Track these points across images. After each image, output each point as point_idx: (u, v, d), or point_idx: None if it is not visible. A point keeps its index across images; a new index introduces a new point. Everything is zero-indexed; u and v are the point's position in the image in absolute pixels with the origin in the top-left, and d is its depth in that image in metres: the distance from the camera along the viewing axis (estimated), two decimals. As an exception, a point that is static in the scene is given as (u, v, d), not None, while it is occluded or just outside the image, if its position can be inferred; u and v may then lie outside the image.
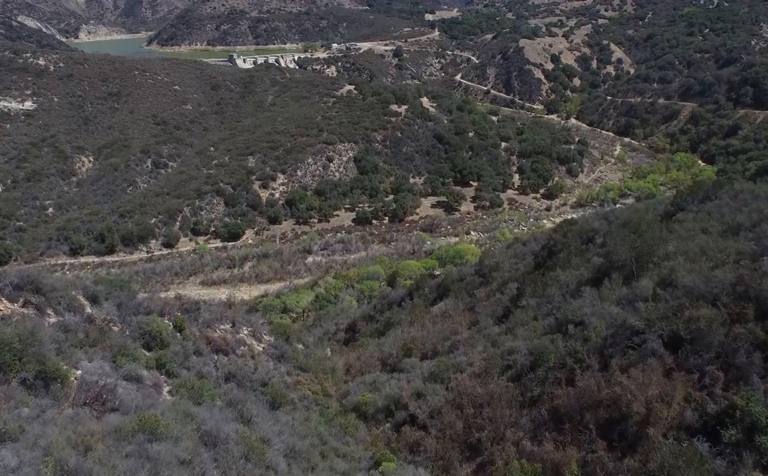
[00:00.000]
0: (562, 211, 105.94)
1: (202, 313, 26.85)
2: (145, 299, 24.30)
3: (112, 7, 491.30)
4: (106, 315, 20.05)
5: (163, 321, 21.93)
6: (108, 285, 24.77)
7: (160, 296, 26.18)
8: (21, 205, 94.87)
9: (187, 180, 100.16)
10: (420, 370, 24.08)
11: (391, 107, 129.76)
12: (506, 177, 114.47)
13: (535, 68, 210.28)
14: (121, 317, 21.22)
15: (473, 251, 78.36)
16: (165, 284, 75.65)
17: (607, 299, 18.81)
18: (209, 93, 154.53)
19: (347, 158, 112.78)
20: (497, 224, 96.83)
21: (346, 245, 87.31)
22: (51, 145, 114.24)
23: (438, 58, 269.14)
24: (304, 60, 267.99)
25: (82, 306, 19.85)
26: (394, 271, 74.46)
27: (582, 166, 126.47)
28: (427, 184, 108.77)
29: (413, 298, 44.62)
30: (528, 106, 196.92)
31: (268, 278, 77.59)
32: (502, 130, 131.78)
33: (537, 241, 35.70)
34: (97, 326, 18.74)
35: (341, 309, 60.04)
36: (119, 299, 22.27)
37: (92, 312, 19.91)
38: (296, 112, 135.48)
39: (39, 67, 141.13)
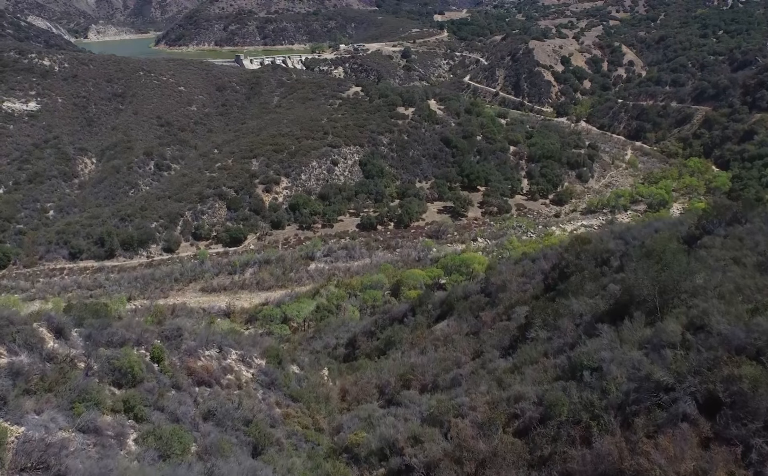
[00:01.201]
0: (572, 217, 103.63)
1: (185, 339, 24.92)
2: (120, 326, 22.40)
3: (122, 7, 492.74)
4: (69, 351, 18.17)
5: (135, 355, 19.99)
6: (81, 311, 22.91)
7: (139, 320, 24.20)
8: (22, 207, 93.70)
9: (190, 183, 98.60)
10: (418, 407, 22.03)
11: (398, 110, 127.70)
12: (515, 182, 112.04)
13: (544, 70, 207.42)
14: (89, 351, 19.34)
15: (480, 259, 76.16)
16: (164, 290, 74.13)
17: (628, 341, 16.65)
18: (214, 94, 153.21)
19: (352, 161, 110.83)
20: (505, 230, 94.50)
21: (349, 251, 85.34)
22: (54, 146, 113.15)
23: (446, 59, 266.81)
24: (311, 61, 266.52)
25: (42, 341, 17.95)
26: (398, 280, 72.44)
27: (592, 171, 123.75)
28: (433, 189, 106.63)
29: (416, 314, 42.59)
30: (537, 109, 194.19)
31: (269, 286, 75.81)
32: (510, 133, 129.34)
33: (547, 259, 33.54)
34: (57, 366, 16.84)
35: (342, 321, 58.09)
36: (89, 330, 20.37)
37: (55, 348, 18.02)
38: (302, 114, 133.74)
39: (44, 67, 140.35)
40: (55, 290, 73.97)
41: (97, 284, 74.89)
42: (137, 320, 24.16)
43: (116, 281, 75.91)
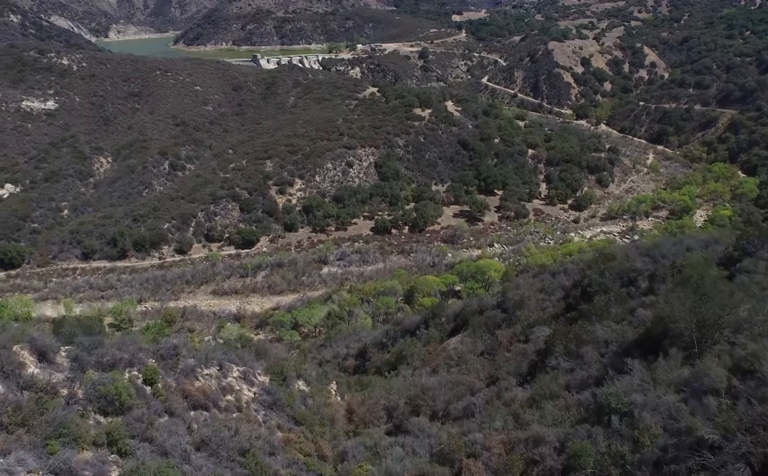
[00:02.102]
0: (591, 223, 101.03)
1: (182, 357, 23.57)
2: (112, 345, 21.11)
3: (142, 6, 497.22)
4: (51, 377, 16.87)
5: (124, 379, 18.63)
6: (72, 327, 21.70)
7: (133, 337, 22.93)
8: (37, 206, 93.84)
9: (203, 184, 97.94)
10: (428, 439, 20.39)
11: (415, 111, 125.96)
12: (533, 186, 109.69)
13: (564, 71, 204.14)
14: (74, 375, 18.06)
15: (496, 266, 74.22)
16: (175, 292, 73.35)
17: (662, 382, 14.85)
18: (230, 94, 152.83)
19: (368, 163, 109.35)
20: (522, 236, 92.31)
21: (363, 255, 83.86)
22: (70, 145, 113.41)
23: (464, 60, 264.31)
24: (328, 61, 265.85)
25: (22, 366, 16.67)
26: (412, 286, 70.82)
27: (612, 175, 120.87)
28: (449, 192, 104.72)
29: (428, 327, 40.93)
30: (556, 111, 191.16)
31: (281, 290, 74.61)
32: (529, 136, 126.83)
33: (568, 274, 31.66)
34: (35, 396, 15.54)
35: (353, 329, 56.57)
36: (76, 351, 19.08)
37: (35, 374, 16.74)
38: (317, 115, 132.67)
39: (62, 66, 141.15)
40: (67, 290, 73.57)
41: (109, 285, 74.35)
42: (131, 337, 22.83)
43: (128, 282, 75.31)
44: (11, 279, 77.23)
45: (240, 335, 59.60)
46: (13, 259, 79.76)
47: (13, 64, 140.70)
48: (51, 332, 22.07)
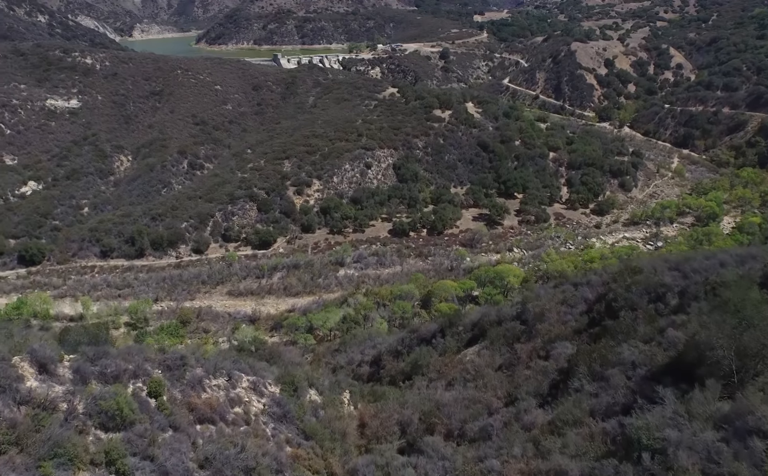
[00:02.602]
0: (614, 229, 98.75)
1: (190, 368, 22.87)
2: (117, 355, 20.47)
3: (166, 6, 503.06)
4: (50, 391, 16.24)
5: (126, 393, 17.94)
6: (78, 336, 21.14)
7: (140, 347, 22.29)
8: (58, 204, 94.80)
9: (221, 184, 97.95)
10: (442, 462, 19.35)
11: (435, 112, 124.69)
12: (554, 190, 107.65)
13: (587, 73, 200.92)
14: (76, 388, 17.42)
15: (515, 272, 72.83)
16: (191, 292, 73.28)
17: (699, 417, 13.63)
18: (250, 93, 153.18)
19: (386, 164, 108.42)
20: (542, 241, 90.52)
21: (380, 258, 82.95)
22: (92, 143, 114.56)
23: (485, 60, 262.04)
24: (348, 61, 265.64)
25: (21, 380, 16.07)
26: (429, 291, 69.76)
27: (636, 179, 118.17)
28: (469, 195, 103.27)
29: (445, 336, 39.79)
30: (578, 113, 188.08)
31: (296, 292, 74.09)
32: (550, 139, 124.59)
33: (591, 287, 30.30)
34: (32, 412, 14.89)
35: (369, 334, 55.64)
36: (79, 362, 18.46)
37: (34, 388, 16.13)
38: (336, 115, 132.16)
39: (86, 65, 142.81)
40: (85, 288, 73.99)
41: (126, 284, 74.56)
42: (138, 346, 22.18)
43: (144, 281, 75.45)
44: (32, 276, 77.93)
45: (254, 337, 59.19)
46: (34, 256, 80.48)
47: (39, 63, 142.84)
48: (57, 340, 21.55)
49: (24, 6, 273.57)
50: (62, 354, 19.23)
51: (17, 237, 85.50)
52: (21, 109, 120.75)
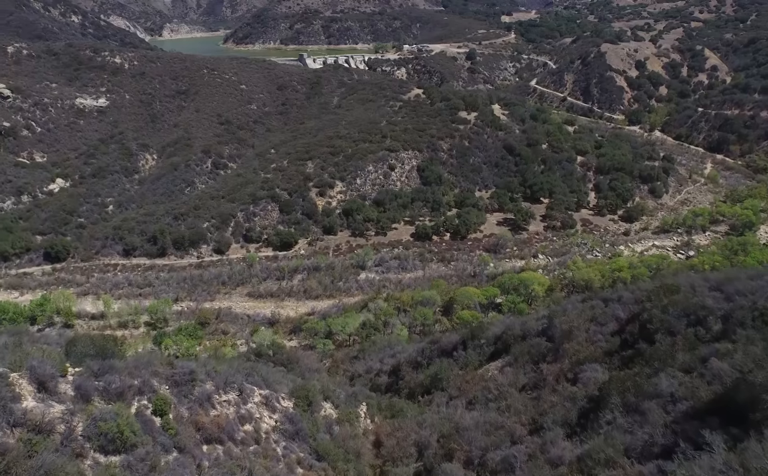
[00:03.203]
0: (643, 236, 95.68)
1: (199, 383, 21.97)
2: (124, 369, 19.66)
3: (195, 6, 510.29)
4: (47, 411, 15.43)
5: (128, 413, 17.08)
6: (85, 347, 20.42)
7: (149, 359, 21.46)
8: (84, 201, 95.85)
9: (244, 184, 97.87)
10: (461, 496, 18.07)
11: (460, 114, 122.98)
12: (581, 195, 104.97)
13: (617, 75, 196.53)
14: (76, 407, 16.61)
15: (540, 280, 70.87)
16: (211, 293, 73.07)
17: (755, 471, 12.04)
18: (275, 93, 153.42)
19: (410, 167, 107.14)
20: (568, 248, 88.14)
21: (402, 262, 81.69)
22: (118, 142, 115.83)
23: (513, 62, 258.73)
24: (374, 61, 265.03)
25: (17, 399, 15.28)
26: (451, 297, 68.30)
27: (667, 186, 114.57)
28: (493, 199, 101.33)
29: (467, 348, 38.38)
30: (607, 116, 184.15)
31: (316, 295, 73.31)
32: (578, 142, 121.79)
33: (623, 304, 28.57)
34: (24, 436, 14.07)
35: (388, 341, 54.53)
36: (80, 379, 17.65)
37: (30, 408, 15.34)
38: (361, 116, 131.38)
39: (115, 65, 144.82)
40: (107, 286, 74.43)
41: (147, 283, 74.76)
42: (146, 358, 21.38)
43: (165, 280, 75.56)
44: (56, 272, 78.81)
45: (272, 341, 58.47)
46: (59, 253, 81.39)
47: (70, 63, 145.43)
48: (64, 351, 20.88)
49: (59, 7, 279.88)
50: (66, 368, 18.49)
51: (44, 234, 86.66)
52: (51, 108, 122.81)
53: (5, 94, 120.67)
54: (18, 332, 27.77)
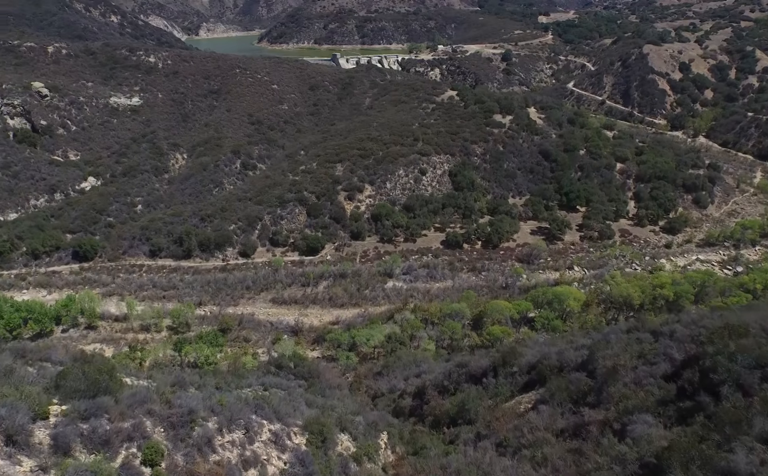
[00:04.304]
0: (686, 249, 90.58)
1: (199, 423, 19.83)
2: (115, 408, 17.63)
3: (232, 5, 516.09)
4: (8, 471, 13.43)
5: (109, 469, 14.98)
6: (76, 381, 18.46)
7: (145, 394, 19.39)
8: (114, 200, 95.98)
9: (272, 186, 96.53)
10: None
11: (495, 117, 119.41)
12: (620, 204, 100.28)
13: (659, 78, 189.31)
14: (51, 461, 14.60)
15: (575, 294, 67.17)
16: (235, 298, 71.71)
17: None
18: (307, 93, 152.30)
19: (442, 171, 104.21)
20: (606, 260, 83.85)
21: (431, 271, 78.92)
22: (150, 141, 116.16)
23: (549, 63, 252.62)
24: (407, 62, 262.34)
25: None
26: (481, 311, 65.32)
27: (712, 195, 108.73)
28: (527, 206, 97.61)
29: (497, 375, 35.54)
30: (648, 121, 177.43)
31: (342, 303, 71.19)
32: (617, 148, 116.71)
33: (677, 341, 25.35)
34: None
35: (414, 358, 51.95)
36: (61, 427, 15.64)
37: (-8, 466, 13.39)
38: (392, 118, 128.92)
39: (149, 64, 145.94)
40: (132, 287, 73.88)
41: (171, 285, 73.90)
42: (143, 395, 19.34)
43: (190, 283, 74.59)
44: (84, 271, 78.71)
45: (294, 352, 56.62)
46: (87, 252, 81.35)
47: (106, 62, 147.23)
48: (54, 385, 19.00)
49: (99, 7, 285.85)
50: (47, 410, 16.59)
51: (74, 232, 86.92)
52: (86, 106, 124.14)
53: (43, 93, 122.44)
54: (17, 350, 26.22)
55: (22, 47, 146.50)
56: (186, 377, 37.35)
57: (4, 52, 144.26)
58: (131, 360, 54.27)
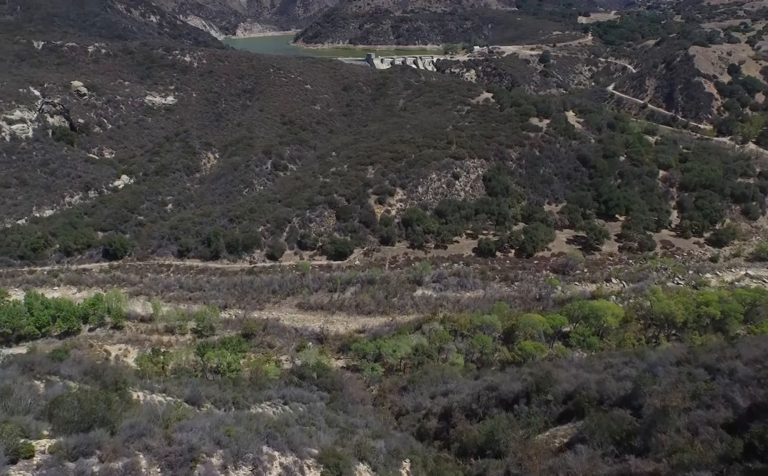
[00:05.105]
0: (734, 263, 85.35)
1: (202, 457, 18.15)
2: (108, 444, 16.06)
3: (269, 5, 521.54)
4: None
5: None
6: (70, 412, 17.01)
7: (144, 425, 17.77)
8: (145, 199, 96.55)
9: (301, 188, 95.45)
10: None
11: (531, 121, 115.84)
12: (662, 214, 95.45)
13: (705, 80, 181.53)
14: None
15: (614, 310, 63.64)
16: (260, 302, 70.74)
17: None
18: (340, 94, 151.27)
19: (475, 175, 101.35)
20: (646, 273, 79.55)
21: (461, 279, 76.33)
22: (182, 140, 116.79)
23: (589, 65, 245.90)
24: (442, 62, 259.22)
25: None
26: (513, 324, 62.50)
27: (763, 206, 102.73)
28: (564, 214, 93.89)
29: (530, 402, 33.06)
30: (693, 126, 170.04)
31: (369, 310, 69.36)
32: (660, 154, 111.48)
33: (738, 382, 22.52)
34: None
35: (441, 373, 49.68)
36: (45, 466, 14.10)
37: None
38: (426, 120, 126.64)
39: (184, 63, 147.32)
40: (159, 287, 73.74)
41: (198, 287, 73.42)
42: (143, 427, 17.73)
43: (216, 285, 73.99)
44: (113, 270, 79.08)
45: (318, 362, 55.02)
46: (117, 250, 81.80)
47: (143, 61, 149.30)
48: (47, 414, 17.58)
49: (140, 8, 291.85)
50: (32, 447, 15.11)
51: (105, 230, 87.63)
52: (123, 105, 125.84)
53: (82, 92, 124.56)
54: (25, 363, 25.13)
55: (64, 47, 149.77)
56: (202, 391, 36.11)
57: (48, 52, 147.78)
58: (153, 365, 53.64)
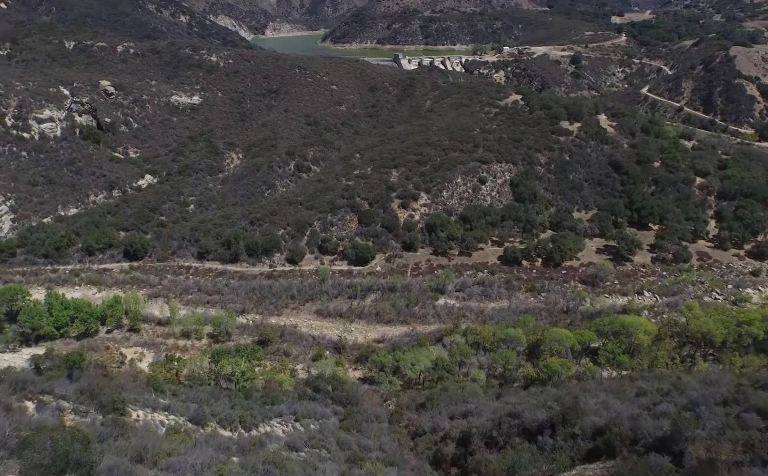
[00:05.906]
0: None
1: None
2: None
3: (299, 5, 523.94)
4: None
5: None
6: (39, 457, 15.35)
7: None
8: (167, 199, 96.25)
9: (324, 190, 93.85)
10: None
11: (562, 124, 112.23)
12: (699, 224, 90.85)
13: (747, 83, 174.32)
14: None
15: (646, 326, 60.25)
16: (278, 307, 69.33)
17: None
18: (366, 94, 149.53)
19: (502, 180, 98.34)
20: (681, 286, 75.50)
21: (486, 289, 73.62)
22: (207, 140, 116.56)
23: (622, 66, 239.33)
24: (471, 63, 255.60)
25: None
26: (538, 338, 59.67)
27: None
28: (594, 222, 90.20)
29: (555, 433, 30.50)
30: (732, 129, 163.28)
31: (389, 319, 67.29)
32: (697, 161, 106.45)
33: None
34: None
35: (462, 391, 47.32)
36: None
37: None
38: (453, 122, 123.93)
39: (211, 63, 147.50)
40: (177, 289, 72.99)
41: (216, 290, 72.42)
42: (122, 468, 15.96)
43: (234, 288, 72.87)
44: (133, 271, 78.70)
45: (334, 373, 53.15)
46: (138, 251, 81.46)
47: (170, 61, 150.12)
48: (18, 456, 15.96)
49: (170, 8, 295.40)
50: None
51: (127, 230, 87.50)
52: (149, 105, 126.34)
53: (109, 91, 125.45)
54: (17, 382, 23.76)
55: (94, 47, 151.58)
56: (207, 409, 34.54)
57: (78, 52, 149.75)
58: (166, 371, 52.57)
